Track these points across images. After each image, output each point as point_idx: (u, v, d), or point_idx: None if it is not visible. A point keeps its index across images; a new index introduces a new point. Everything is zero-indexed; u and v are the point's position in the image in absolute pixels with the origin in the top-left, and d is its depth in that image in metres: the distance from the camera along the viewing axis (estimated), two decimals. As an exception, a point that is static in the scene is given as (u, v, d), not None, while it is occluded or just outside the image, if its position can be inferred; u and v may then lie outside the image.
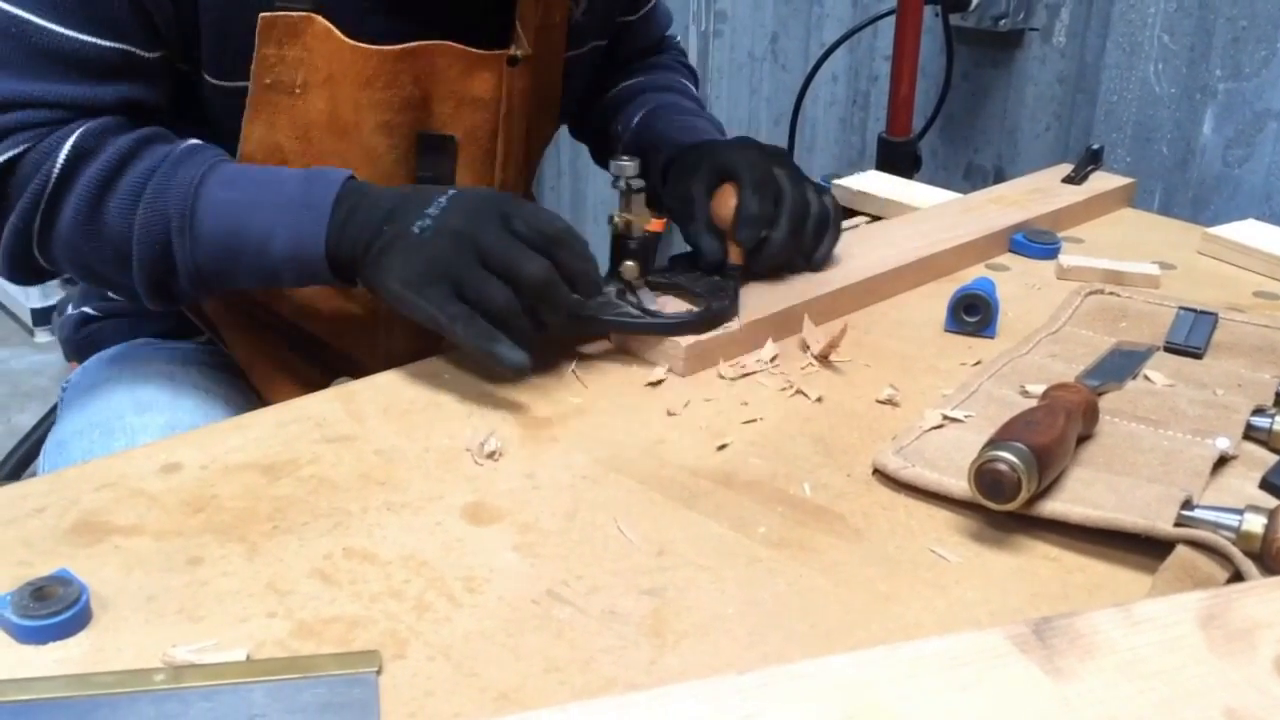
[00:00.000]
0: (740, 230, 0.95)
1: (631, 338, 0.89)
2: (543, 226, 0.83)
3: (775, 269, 0.98)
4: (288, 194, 0.87)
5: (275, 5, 0.90)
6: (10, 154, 0.85)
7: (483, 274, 0.80)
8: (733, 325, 0.89)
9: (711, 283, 0.95)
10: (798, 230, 0.98)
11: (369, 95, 0.95)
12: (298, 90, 0.93)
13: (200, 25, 0.89)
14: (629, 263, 0.91)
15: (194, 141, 0.90)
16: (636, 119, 1.19)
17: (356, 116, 0.96)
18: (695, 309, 0.91)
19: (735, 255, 0.97)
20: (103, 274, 0.91)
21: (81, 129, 0.86)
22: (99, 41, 0.86)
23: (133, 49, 0.88)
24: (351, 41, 0.92)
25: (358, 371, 0.89)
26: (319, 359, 1.06)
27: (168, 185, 0.86)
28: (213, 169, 0.88)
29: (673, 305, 0.93)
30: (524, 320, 0.81)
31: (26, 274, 0.92)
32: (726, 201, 0.97)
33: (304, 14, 0.90)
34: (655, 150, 1.10)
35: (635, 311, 0.89)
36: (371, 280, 0.85)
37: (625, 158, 0.91)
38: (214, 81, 0.92)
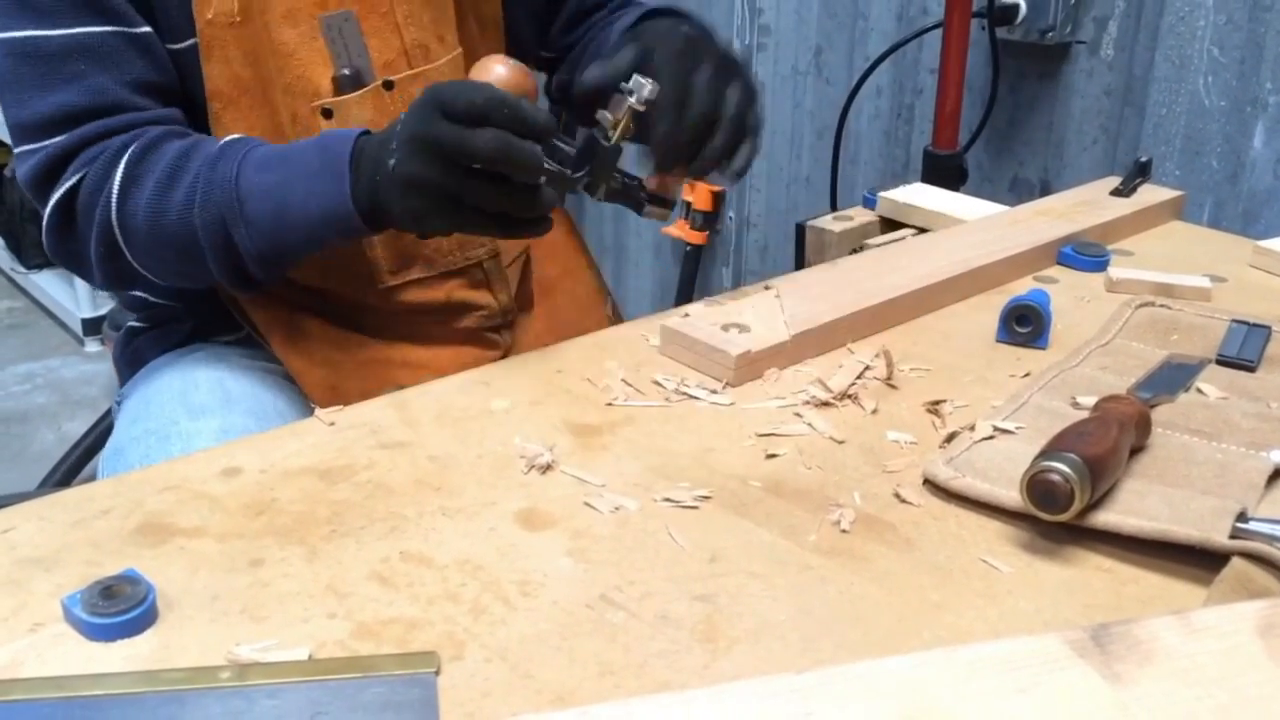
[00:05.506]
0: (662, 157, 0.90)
1: (684, 350, 0.90)
2: (473, 98, 0.82)
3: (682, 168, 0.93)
4: (309, 164, 0.91)
5: None
6: (69, 185, 0.94)
7: (461, 177, 0.83)
8: (783, 337, 0.90)
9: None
10: (701, 139, 0.91)
11: None
12: (238, 19, 0.97)
13: None
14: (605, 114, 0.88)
15: (232, 137, 0.96)
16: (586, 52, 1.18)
17: (265, 17, 0.98)
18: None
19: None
20: (186, 275, 0.99)
21: (125, 160, 0.93)
22: (93, 29, 0.94)
23: (124, 28, 0.95)
24: None
25: (378, 340, 0.95)
26: (338, 320, 1.08)
27: (212, 185, 0.92)
28: (246, 158, 0.92)
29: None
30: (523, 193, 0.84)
31: (127, 285, 1.02)
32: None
33: None
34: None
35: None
36: (394, 225, 0.91)
37: (647, 80, 0.86)
38: (172, 47, 0.98)
